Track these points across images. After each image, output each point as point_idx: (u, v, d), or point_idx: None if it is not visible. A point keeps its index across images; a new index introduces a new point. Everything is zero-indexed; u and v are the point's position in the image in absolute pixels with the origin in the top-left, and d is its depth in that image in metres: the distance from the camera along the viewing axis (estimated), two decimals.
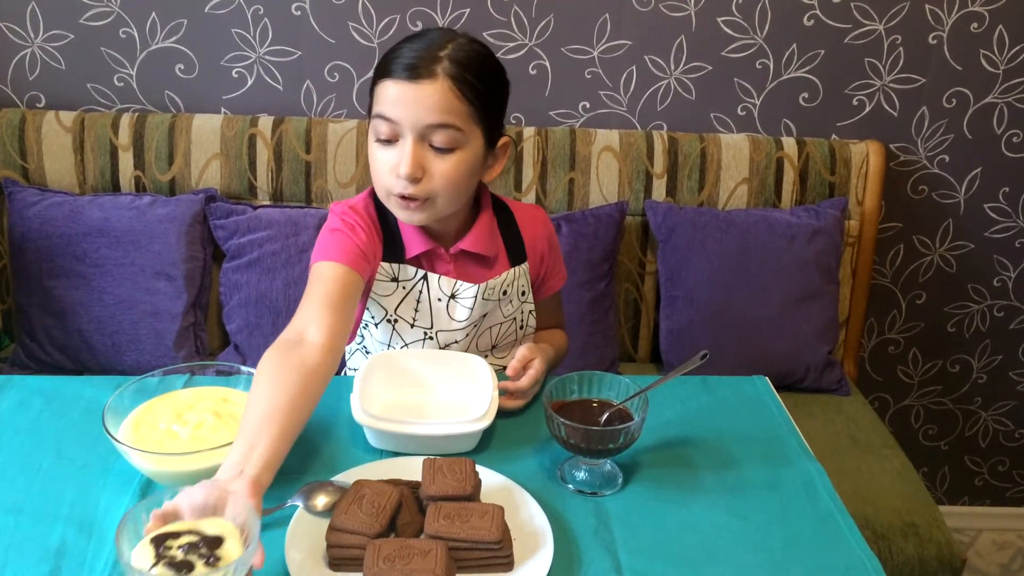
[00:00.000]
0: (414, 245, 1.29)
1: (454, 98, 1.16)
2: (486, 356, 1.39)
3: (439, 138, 1.18)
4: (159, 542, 0.86)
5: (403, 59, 1.17)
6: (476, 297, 1.31)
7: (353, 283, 1.21)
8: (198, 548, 0.85)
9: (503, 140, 1.27)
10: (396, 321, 1.33)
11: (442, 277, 1.31)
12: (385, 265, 1.29)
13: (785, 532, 1.05)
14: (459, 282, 1.31)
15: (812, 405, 1.98)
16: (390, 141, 1.20)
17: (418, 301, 1.31)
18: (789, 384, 2.00)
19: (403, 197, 1.21)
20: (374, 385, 1.23)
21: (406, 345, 1.34)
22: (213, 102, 2.04)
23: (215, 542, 0.87)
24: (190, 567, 0.84)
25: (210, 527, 0.88)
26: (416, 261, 1.30)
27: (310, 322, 1.13)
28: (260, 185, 1.99)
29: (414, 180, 1.18)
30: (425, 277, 1.30)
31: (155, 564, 0.84)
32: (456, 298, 1.32)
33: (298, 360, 1.07)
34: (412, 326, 1.33)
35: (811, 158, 2.04)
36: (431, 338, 1.34)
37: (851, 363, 2.15)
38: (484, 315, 1.35)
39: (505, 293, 1.35)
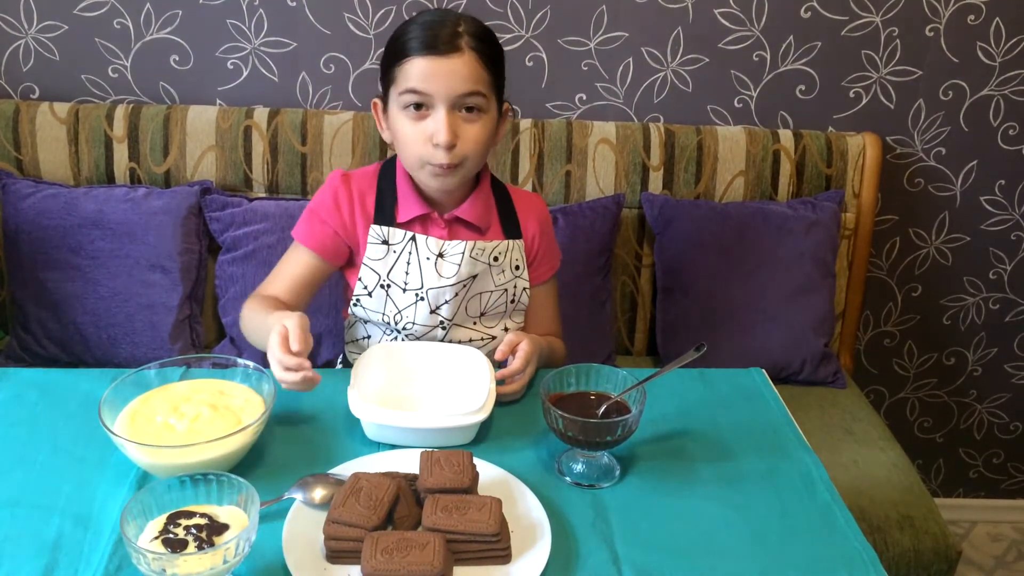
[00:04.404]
0: (410, 210, 1.37)
1: (479, 67, 1.27)
2: (475, 323, 1.43)
3: (470, 103, 1.28)
4: (174, 519, 0.88)
5: (425, 37, 1.26)
6: (464, 254, 1.37)
7: (320, 271, 1.41)
8: (200, 531, 0.85)
9: (505, 106, 1.38)
10: (389, 287, 1.38)
11: (430, 237, 1.37)
12: (376, 228, 1.37)
13: (782, 524, 1.06)
14: (447, 242, 1.37)
15: (808, 398, 1.98)
16: (422, 114, 1.28)
17: (408, 263, 1.37)
18: (785, 377, 2.00)
19: (439, 165, 1.29)
20: (371, 378, 1.23)
21: (399, 312, 1.38)
22: (208, 93, 2.03)
23: (220, 529, 0.87)
24: (184, 546, 0.84)
25: (224, 514, 0.88)
26: (409, 225, 1.38)
27: (278, 295, 1.38)
28: (256, 177, 1.98)
29: (450, 147, 1.27)
30: (414, 238, 1.37)
31: (156, 538, 0.85)
32: (444, 256, 1.37)
33: (277, 304, 1.34)
34: (404, 290, 1.38)
35: (808, 150, 2.04)
36: (422, 299, 1.38)
37: (847, 356, 2.15)
38: (474, 277, 1.39)
39: (496, 260, 1.41)
